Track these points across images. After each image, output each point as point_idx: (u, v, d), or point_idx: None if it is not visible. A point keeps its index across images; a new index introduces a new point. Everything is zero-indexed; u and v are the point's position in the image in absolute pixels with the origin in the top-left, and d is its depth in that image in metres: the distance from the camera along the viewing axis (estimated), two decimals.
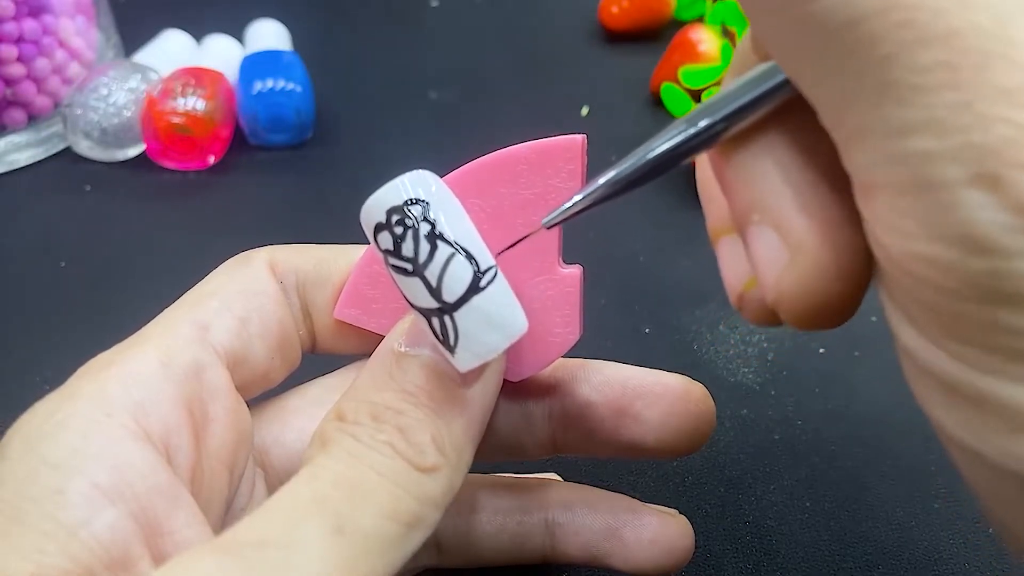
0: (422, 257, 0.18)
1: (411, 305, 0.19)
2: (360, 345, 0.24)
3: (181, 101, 0.46)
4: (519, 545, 0.25)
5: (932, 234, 0.13)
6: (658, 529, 0.24)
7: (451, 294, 0.18)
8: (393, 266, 0.18)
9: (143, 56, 0.51)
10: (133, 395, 0.18)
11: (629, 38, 0.59)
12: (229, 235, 0.43)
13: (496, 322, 0.18)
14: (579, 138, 0.20)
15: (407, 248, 0.18)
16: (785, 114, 0.17)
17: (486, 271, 0.18)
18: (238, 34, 0.54)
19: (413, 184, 0.18)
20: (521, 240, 0.20)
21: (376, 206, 0.18)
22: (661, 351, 0.38)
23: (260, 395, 0.23)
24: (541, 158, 0.20)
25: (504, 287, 0.19)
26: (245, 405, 0.21)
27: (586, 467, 0.32)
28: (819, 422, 0.35)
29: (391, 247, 0.18)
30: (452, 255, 0.18)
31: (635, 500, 0.25)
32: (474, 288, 0.18)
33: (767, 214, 0.16)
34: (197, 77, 0.47)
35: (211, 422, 0.20)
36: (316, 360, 0.24)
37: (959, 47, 0.12)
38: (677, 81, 0.50)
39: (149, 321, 0.21)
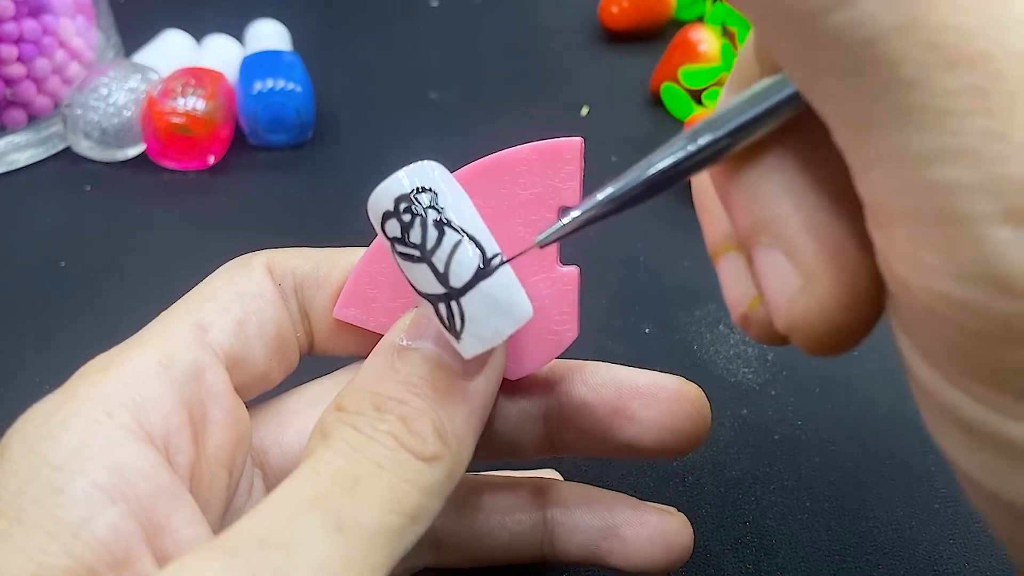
0: (430, 243, 0.18)
1: (417, 292, 0.19)
2: (357, 347, 0.24)
3: (181, 101, 0.46)
4: (518, 544, 0.25)
5: (956, 271, 0.12)
6: (657, 527, 0.24)
7: (458, 279, 0.18)
8: (400, 253, 0.19)
9: (143, 56, 0.51)
10: (133, 396, 0.18)
11: (629, 38, 0.59)
12: (229, 235, 0.43)
13: (503, 307, 0.19)
14: (578, 140, 0.21)
15: (415, 235, 0.18)
16: (793, 129, 0.16)
17: (492, 258, 0.19)
18: (238, 34, 0.54)
19: (420, 173, 0.19)
20: (518, 256, 0.20)
21: (384, 194, 0.19)
22: (661, 351, 0.38)
23: (258, 396, 0.23)
24: (542, 159, 0.21)
25: (509, 273, 0.19)
26: (244, 406, 0.21)
27: (586, 466, 0.32)
28: (819, 422, 0.35)
29: (398, 234, 0.19)
30: (459, 241, 0.18)
31: (634, 498, 0.25)
32: (481, 274, 0.18)
33: (776, 237, 0.16)
34: (197, 77, 0.47)
35: (210, 423, 0.20)
36: (314, 362, 0.24)
37: (990, 71, 0.11)
38: (677, 81, 0.50)
39: (148, 322, 0.21)
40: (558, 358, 0.23)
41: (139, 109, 0.46)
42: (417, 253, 0.18)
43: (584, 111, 0.52)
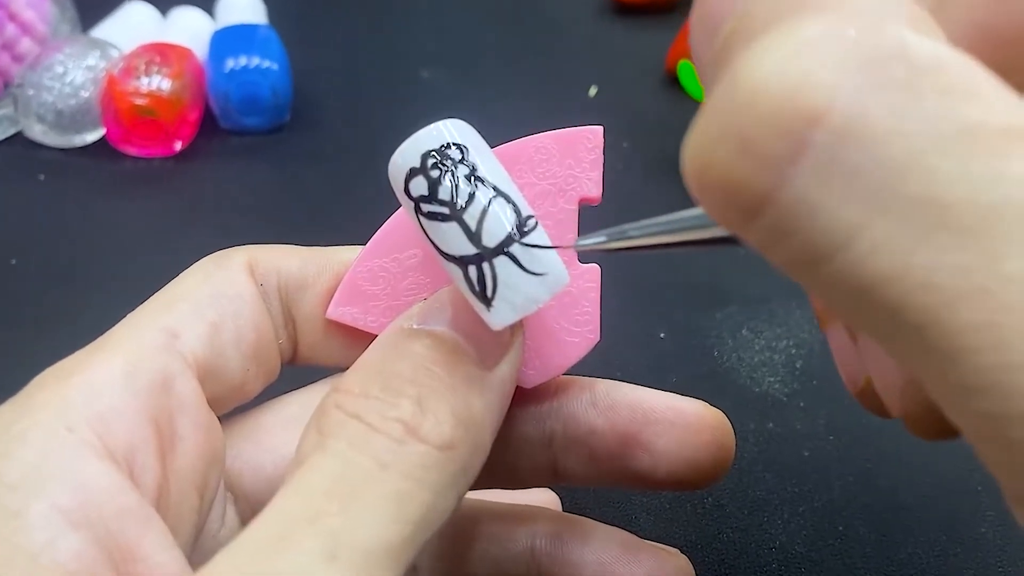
0: (461, 199, 0.19)
1: (444, 256, 0.19)
2: (344, 356, 0.23)
3: (145, 80, 0.46)
4: (502, 575, 0.25)
5: (1018, 495, 0.12)
6: (653, 567, 0.24)
7: (492, 238, 0.19)
8: (427, 213, 0.19)
9: (102, 31, 0.51)
10: (95, 408, 0.18)
11: (642, 11, 0.59)
12: (199, 229, 0.43)
13: (538, 270, 0.19)
14: (599, 128, 0.22)
15: (444, 191, 0.19)
16: None
17: (527, 218, 0.19)
18: (208, 6, 0.54)
19: (449, 129, 0.19)
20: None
21: (411, 150, 0.19)
22: (678, 358, 0.38)
23: (233, 409, 0.23)
24: (561, 148, 0.22)
25: (544, 236, 0.19)
26: (217, 421, 0.21)
27: (592, 486, 0.33)
28: (853, 437, 0.35)
29: (426, 192, 0.19)
30: (494, 197, 0.19)
31: (632, 535, 0.25)
32: (516, 233, 0.19)
33: None
34: (162, 54, 0.47)
35: (180, 439, 0.20)
36: (296, 371, 0.24)
37: (995, 305, 0.12)
38: None
39: (110, 326, 0.21)
40: (569, 371, 0.23)
41: (98, 89, 0.46)
42: (446, 211, 0.19)
43: (592, 92, 0.52)
